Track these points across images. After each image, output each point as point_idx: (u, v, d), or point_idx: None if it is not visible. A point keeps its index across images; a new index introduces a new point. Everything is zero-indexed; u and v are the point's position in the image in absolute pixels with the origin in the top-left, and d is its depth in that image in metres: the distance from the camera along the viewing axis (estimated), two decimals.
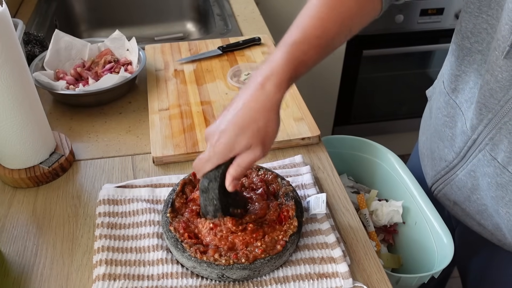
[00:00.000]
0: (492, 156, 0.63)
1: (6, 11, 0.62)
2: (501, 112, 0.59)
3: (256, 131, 0.53)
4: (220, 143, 0.54)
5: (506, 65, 0.56)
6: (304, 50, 0.56)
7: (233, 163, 0.55)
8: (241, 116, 0.54)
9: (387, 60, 1.79)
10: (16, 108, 0.66)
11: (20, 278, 0.59)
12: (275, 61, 0.55)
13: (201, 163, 0.56)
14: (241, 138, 0.53)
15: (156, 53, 1.06)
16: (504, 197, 0.63)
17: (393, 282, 0.68)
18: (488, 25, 0.60)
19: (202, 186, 0.58)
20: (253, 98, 0.54)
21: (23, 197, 0.71)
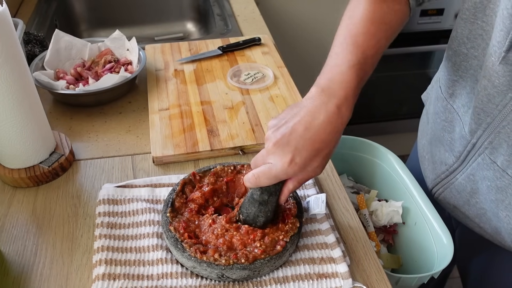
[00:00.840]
0: (492, 160, 0.63)
1: (6, 11, 0.62)
2: (499, 116, 0.60)
3: (327, 154, 0.54)
4: (295, 164, 0.53)
5: (503, 70, 0.57)
6: (366, 71, 0.57)
7: (293, 179, 0.55)
8: (318, 138, 0.53)
9: (387, 60, 1.78)
10: (16, 108, 0.66)
11: (19, 278, 0.59)
12: (346, 83, 0.55)
13: (266, 178, 0.54)
14: (314, 161, 0.53)
15: (156, 53, 1.06)
16: (504, 200, 0.63)
17: (393, 282, 0.69)
18: (483, 31, 0.61)
19: (261, 199, 0.57)
20: (330, 121, 0.53)
21: (23, 196, 0.71)
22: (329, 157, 0.55)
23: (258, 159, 0.56)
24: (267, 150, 0.54)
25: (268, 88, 0.93)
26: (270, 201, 0.58)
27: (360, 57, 0.56)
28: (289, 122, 0.54)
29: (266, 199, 0.57)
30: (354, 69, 0.55)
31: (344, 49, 0.57)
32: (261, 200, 0.58)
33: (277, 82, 0.95)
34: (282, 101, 0.89)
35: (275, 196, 0.57)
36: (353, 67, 0.55)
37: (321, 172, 0.56)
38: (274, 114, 0.85)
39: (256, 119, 0.84)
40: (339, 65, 0.56)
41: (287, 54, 1.25)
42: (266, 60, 1.03)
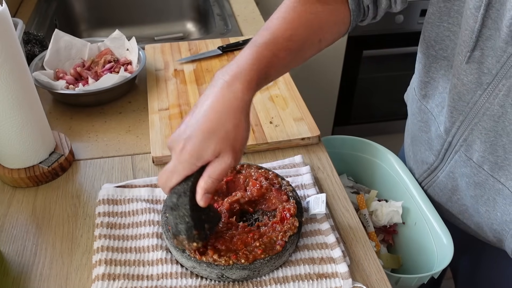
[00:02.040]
0: (468, 157, 0.65)
1: (6, 11, 0.62)
2: (471, 114, 0.61)
3: (224, 135, 0.49)
4: (185, 151, 0.49)
5: (470, 69, 0.58)
6: (274, 51, 0.54)
7: (203, 175, 0.50)
8: (207, 119, 0.49)
9: (387, 60, 1.79)
10: (15, 108, 0.66)
11: (19, 278, 0.59)
12: (243, 60, 0.52)
13: (166, 176, 0.51)
14: (208, 144, 0.48)
15: (156, 53, 1.06)
16: (483, 196, 0.65)
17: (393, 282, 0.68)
18: (450, 32, 0.63)
19: (170, 202, 0.52)
20: (220, 98, 0.49)
21: (22, 196, 0.71)
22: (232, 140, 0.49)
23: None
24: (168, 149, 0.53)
25: (268, 88, 0.93)
26: (180, 204, 0.52)
27: (268, 38, 0.54)
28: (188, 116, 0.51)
29: (176, 201, 0.52)
30: (257, 48, 0.53)
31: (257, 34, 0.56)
32: (171, 204, 0.52)
33: (277, 82, 0.95)
34: (282, 101, 0.89)
35: (185, 197, 0.51)
36: (252, 46, 0.53)
37: (232, 162, 0.49)
38: (274, 114, 0.85)
39: (256, 119, 0.84)
40: (245, 47, 0.54)
41: None
42: None
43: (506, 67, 0.54)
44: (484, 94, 0.58)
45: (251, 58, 0.52)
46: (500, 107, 0.57)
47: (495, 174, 0.62)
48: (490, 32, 0.55)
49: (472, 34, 0.56)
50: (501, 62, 0.55)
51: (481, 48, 0.57)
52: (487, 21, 0.55)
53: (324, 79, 1.79)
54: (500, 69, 0.55)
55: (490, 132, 0.60)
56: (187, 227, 0.53)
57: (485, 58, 0.57)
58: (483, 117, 0.60)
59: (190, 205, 0.52)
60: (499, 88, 0.56)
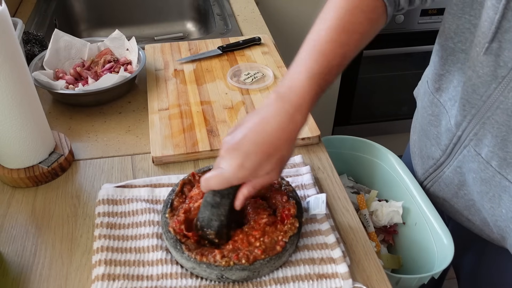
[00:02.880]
0: (476, 152, 0.64)
1: (6, 11, 0.62)
2: (484, 107, 0.61)
3: (280, 160, 0.54)
4: (244, 168, 0.52)
5: (487, 61, 0.58)
6: (328, 80, 0.56)
7: (248, 184, 0.55)
8: (269, 143, 0.53)
9: (387, 60, 1.79)
10: (15, 108, 0.66)
11: (19, 278, 0.59)
12: (304, 91, 0.54)
13: (217, 182, 0.54)
14: (265, 165, 0.53)
15: (156, 53, 1.05)
16: (488, 192, 0.65)
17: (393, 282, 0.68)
18: (471, 24, 0.62)
19: (213, 201, 0.57)
20: (282, 128, 0.53)
21: (22, 196, 0.71)
22: (283, 163, 0.55)
23: (214, 165, 0.56)
24: (220, 155, 0.55)
25: (268, 88, 0.93)
26: (222, 204, 0.56)
27: (324, 66, 0.55)
28: (242, 129, 0.54)
29: (218, 201, 0.56)
30: (315, 79, 0.55)
31: (310, 56, 0.56)
32: (213, 202, 0.57)
33: (277, 82, 0.95)
34: None
35: (228, 199, 0.56)
36: (314, 76, 0.55)
37: (276, 178, 0.55)
38: None
39: None
40: (301, 73, 0.55)
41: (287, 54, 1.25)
42: (266, 60, 1.03)
43: None
44: (499, 87, 0.58)
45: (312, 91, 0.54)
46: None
47: (502, 171, 0.61)
48: (509, 24, 0.54)
49: (492, 25, 0.55)
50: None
51: (499, 40, 0.56)
52: (508, 13, 0.54)
53: None
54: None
55: (502, 127, 0.59)
56: (220, 225, 0.58)
57: (502, 51, 0.56)
58: (496, 110, 0.59)
59: (230, 207, 0.57)
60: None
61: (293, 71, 0.56)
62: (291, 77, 0.56)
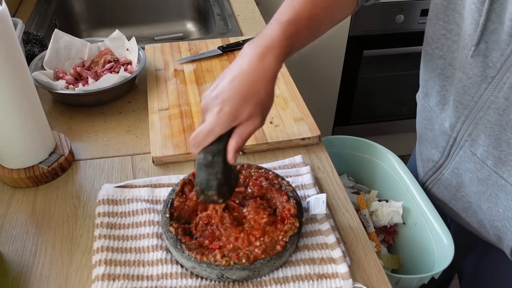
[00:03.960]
0: (472, 152, 0.65)
1: (6, 11, 0.62)
2: (476, 107, 0.62)
3: (258, 101, 0.54)
4: (224, 113, 0.53)
5: (475, 62, 0.59)
6: (298, 29, 0.58)
7: (234, 135, 0.55)
8: (243, 86, 0.54)
9: (387, 60, 1.79)
10: (15, 108, 0.66)
11: (19, 278, 0.59)
12: (273, 35, 0.56)
13: (203, 135, 0.54)
14: (244, 107, 0.53)
15: (156, 53, 1.05)
16: (485, 192, 0.65)
17: (393, 282, 0.68)
18: (446, 30, 0.64)
19: (205, 160, 0.56)
20: (254, 69, 0.54)
21: (22, 197, 0.71)
22: (263, 106, 0.55)
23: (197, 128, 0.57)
24: (201, 111, 0.56)
25: None
26: (215, 161, 0.56)
27: (293, 16, 0.58)
28: (218, 81, 0.55)
29: (210, 159, 0.56)
30: (284, 25, 0.57)
31: (280, 10, 0.60)
32: (206, 162, 0.56)
33: (277, 82, 0.94)
34: (282, 101, 0.89)
35: (220, 156, 0.55)
36: (283, 23, 0.57)
37: (261, 124, 0.55)
38: (274, 114, 0.85)
39: None
40: (271, 23, 0.58)
41: None
42: None
43: (510, 61, 0.55)
44: (489, 87, 0.59)
45: (280, 34, 0.56)
46: (505, 100, 0.58)
47: (498, 170, 0.62)
48: (494, 26, 0.56)
49: (477, 27, 0.56)
50: (505, 55, 0.55)
51: (485, 41, 0.57)
52: (492, 15, 0.55)
53: (324, 79, 1.79)
54: (504, 63, 0.56)
55: (494, 126, 0.60)
56: (219, 183, 0.57)
57: (489, 52, 0.57)
58: (488, 110, 0.60)
59: (223, 163, 0.56)
60: (503, 81, 0.57)
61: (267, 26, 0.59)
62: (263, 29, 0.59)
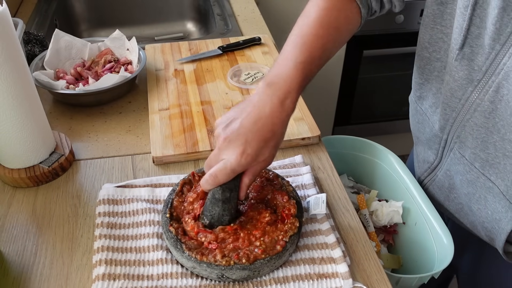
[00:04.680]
0: (461, 154, 0.67)
1: (6, 11, 0.62)
2: (463, 110, 0.63)
3: (276, 144, 0.57)
4: (247, 155, 0.55)
5: (461, 65, 0.61)
6: (312, 70, 0.60)
7: (248, 173, 0.57)
8: (265, 129, 0.56)
9: (387, 60, 1.79)
10: (16, 108, 0.66)
11: (19, 278, 0.59)
12: (292, 79, 0.58)
13: (224, 174, 0.55)
14: (265, 150, 0.56)
15: (156, 53, 1.05)
16: (475, 194, 0.66)
17: (393, 282, 0.68)
18: (443, 34, 0.65)
19: (223, 196, 0.58)
20: (275, 113, 0.56)
21: (22, 196, 0.71)
22: (277, 147, 0.58)
23: (211, 160, 0.57)
24: (219, 148, 0.56)
25: None
26: (232, 198, 0.58)
27: (307, 55, 0.59)
28: (237, 118, 0.57)
29: (228, 196, 0.58)
30: (300, 68, 0.59)
31: (294, 47, 0.60)
32: (224, 198, 0.58)
33: None
34: None
35: (236, 192, 0.58)
36: (299, 64, 0.59)
37: (271, 162, 0.58)
38: None
39: None
40: (287, 63, 0.59)
41: None
42: (266, 60, 1.03)
43: (495, 64, 0.56)
44: (475, 90, 0.60)
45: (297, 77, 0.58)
46: (490, 103, 0.59)
47: (485, 172, 0.63)
48: (479, 31, 0.57)
49: (461, 32, 0.58)
50: (490, 59, 0.57)
51: (470, 45, 0.59)
52: (475, 20, 0.57)
53: (324, 79, 1.79)
54: (490, 66, 0.57)
55: (481, 129, 0.61)
56: (231, 219, 0.60)
57: (475, 56, 0.59)
58: (474, 113, 0.61)
59: (237, 199, 0.59)
60: (489, 84, 0.58)
61: (279, 61, 0.60)
62: (278, 66, 0.60)
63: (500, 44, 0.55)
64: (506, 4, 0.52)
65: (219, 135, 0.57)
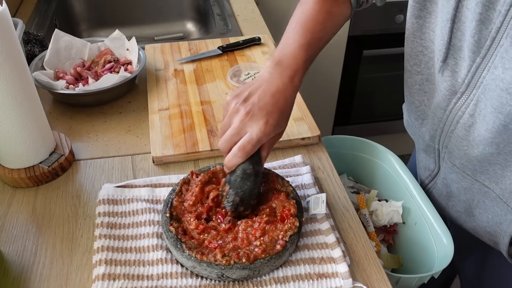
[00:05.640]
0: (452, 163, 0.67)
1: (6, 11, 0.62)
2: (447, 121, 0.64)
3: (289, 115, 0.62)
4: (270, 125, 0.58)
5: (445, 77, 0.62)
6: (314, 50, 0.65)
7: (266, 145, 0.60)
8: (281, 102, 0.60)
9: (387, 60, 1.79)
10: (16, 108, 0.66)
11: (19, 278, 0.59)
12: (297, 58, 0.63)
13: (252, 145, 0.57)
14: (283, 121, 0.61)
15: (156, 53, 1.06)
16: (473, 200, 0.67)
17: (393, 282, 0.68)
18: (423, 47, 0.66)
19: (255, 170, 0.60)
20: (287, 88, 0.61)
21: (22, 196, 0.71)
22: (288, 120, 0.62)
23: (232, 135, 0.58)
24: (241, 121, 0.58)
25: None
26: (259, 171, 0.61)
27: (310, 37, 0.65)
28: (253, 93, 0.60)
29: (258, 169, 0.60)
30: (304, 48, 0.64)
31: (296, 33, 0.65)
32: (255, 172, 0.60)
33: None
34: None
35: (260, 166, 0.61)
36: (302, 46, 0.64)
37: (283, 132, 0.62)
38: None
39: None
40: (291, 44, 0.64)
41: None
42: (266, 59, 1.03)
43: (476, 77, 0.57)
44: (458, 102, 0.61)
45: (303, 57, 0.63)
46: (470, 116, 0.59)
47: (478, 178, 0.64)
48: (460, 43, 0.58)
49: (444, 44, 0.59)
50: (471, 72, 0.57)
51: (454, 57, 0.59)
52: (456, 33, 0.58)
53: (324, 79, 1.79)
54: (471, 79, 0.57)
55: (463, 141, 0.62)
56: (259, 192, 0.63)
57: (458, 68, 0.59)
58: (457, 125, 0.62)
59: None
60: (470, 97, 0.58)
61: (284, 43, 0.65)
62: (283, 47, 0.65)
63: (481, 57, 0.55)
64: (483, 17, 0.52)
65: (238, 110, 0.58)
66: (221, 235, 0.59)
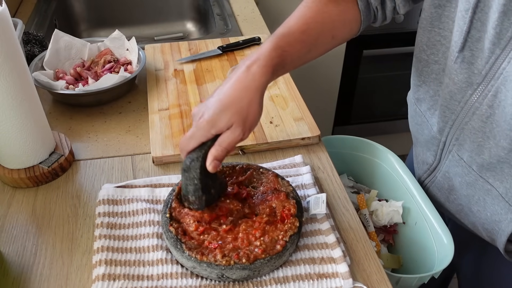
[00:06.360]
0: (459, 156, 0.66)
1: (6, 11, 0.62)
2: (462, 113, 0.63)
3: (239, 110, 0.55)
4: (203, 119, 0.56)
5: (461, 68, 0.61)
6: (289, 42, 0.60)
7: (214, 143, 0.57)
8: (226, 95, 0.56)
9: (387, 60, 1.79)
10: (15, 108, 0.66)
11: (19, 278, 0.59)
12: (263, 48, 0.59)
13: (185, 140, 0.57)
14: (223, 115, 0.55)
15: (156, 53, 1.05)
16: (474, 196, 0.66)
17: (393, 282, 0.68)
18: (441, 37, 0.65)
19: (184, 165, 0.59)
20: (239, 79, 0.57)
21: (22, 197, 0.71)
22: (243, 116, 0.56)
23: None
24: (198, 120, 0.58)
25: (268, 88, 0.93)
26: (192, 167, 0.58)
27: (285, 30, 0.61)
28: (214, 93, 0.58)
29: (188, 164, 0.58)
30: (274, 37, 0.60)
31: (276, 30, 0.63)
32: (184, 166, 0.59)
33: (276, 82, 0.95)
34: (282, 101, 0.89)
35: (197, 162, 0.57)
36: (271, 37, 0.61)
37: (241, 133, 0.56)
38: (274, 113, 0.85)
39: None
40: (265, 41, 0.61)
41: None
42: None
43: (495, 68, 0.56)
44: (474, 94, 0.60)
45: (269, 46, 0.59)
46: (488, 107, 0.59)
47: (483, 175, 0.63)
48: (479, 34, 0.57)
49: (461, 35, 0.58)
50: (490, 63, 0.57)
51: (470, 49, 0.59)
52: (476, 23, 0.57)
53: (324, 79, 1.79)
54: (489, 70, 0.57)
55: (478, 133, 0.61)
56: (195, 189, 0.59)
57: (475, 59, 0.59)
58: (472, 116, 0.61)
59: (201, 170, 0.58)
60: (488, 88, 0.58)
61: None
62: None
63: (500, 48, 0.55)
64: (507, 9, 0.52)
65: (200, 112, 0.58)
66: (221, 236, 0.59)
